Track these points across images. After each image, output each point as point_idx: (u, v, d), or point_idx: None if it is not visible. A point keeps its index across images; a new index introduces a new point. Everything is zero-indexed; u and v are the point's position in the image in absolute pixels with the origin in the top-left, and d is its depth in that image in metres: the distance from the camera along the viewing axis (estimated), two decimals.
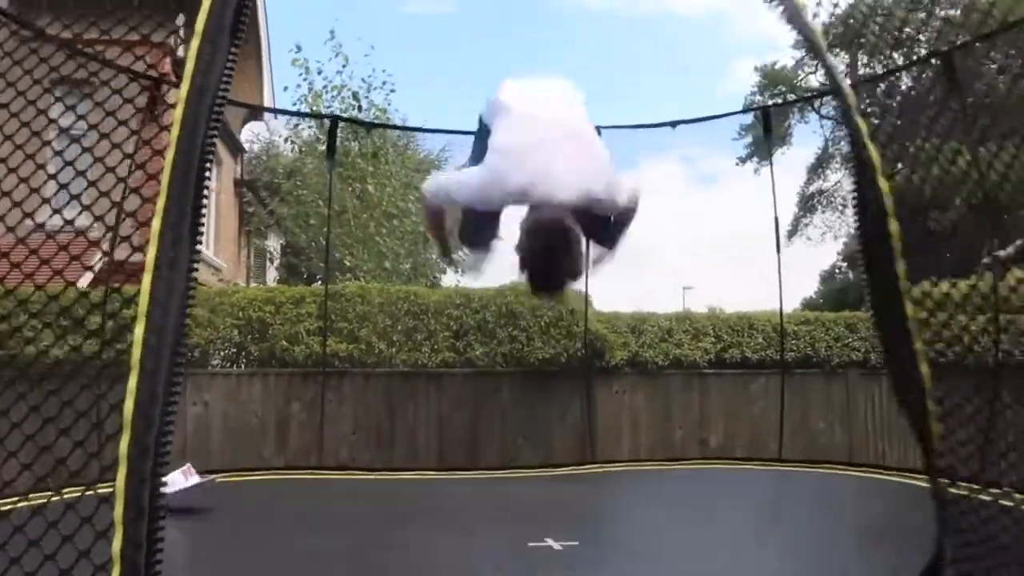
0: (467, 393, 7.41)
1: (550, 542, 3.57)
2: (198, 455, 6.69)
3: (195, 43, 1.60)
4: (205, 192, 1.59)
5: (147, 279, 1.49)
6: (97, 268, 5.33)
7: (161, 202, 1.51)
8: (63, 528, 1.65)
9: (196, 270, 1.59)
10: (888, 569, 3.14)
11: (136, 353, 1.47)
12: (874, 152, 2.00)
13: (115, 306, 4.11)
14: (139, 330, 1.48)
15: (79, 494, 1.69)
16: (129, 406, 1.46)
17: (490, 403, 7.43)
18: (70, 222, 2.59)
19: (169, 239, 1.49)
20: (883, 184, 1.93)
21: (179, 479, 4.45)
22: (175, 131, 1.54)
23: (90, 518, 1.60)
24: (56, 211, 2.58)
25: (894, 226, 1.89)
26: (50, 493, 1.86)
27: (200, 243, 1.60)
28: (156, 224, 1.50)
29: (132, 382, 1.46)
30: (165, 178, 1.52)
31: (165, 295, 1.49)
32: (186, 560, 3.65)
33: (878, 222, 1.92)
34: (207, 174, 1.59)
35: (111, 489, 1.42)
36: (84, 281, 4.50)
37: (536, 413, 7.46)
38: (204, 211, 1.62)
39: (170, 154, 1.53)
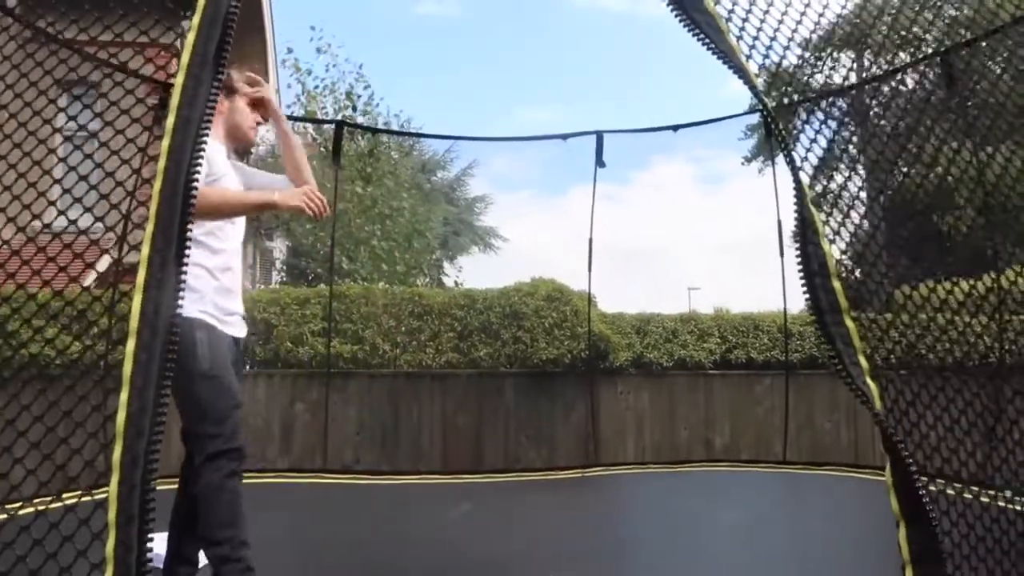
0: (471, 394, 7.47)
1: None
2: None
3: (180, 78, 1.69)
4: (190, 218, 1.68)
5: (137, 299, 1.59)
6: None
7: (149, 228, 1.61)
8: (63, 529, 1.75)
9: (182, 289, 1.68)
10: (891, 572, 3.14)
11: (127, 368, 1.57)
12: (815, 214, 2.09)
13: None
14: (130, 346, 1.57)
15: (77, 498, 1.78)
16: (121, 418, 1.55)
17: (494, 404, 7.49)
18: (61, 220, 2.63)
19: (158, 263, 1.58)
20: (826, 247, 2.05)
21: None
22: (162, 162, 1.63)
23: (87, 520, 1.69)
24: (61, 214, 2.63)
25: (837, 284, 2.02)
26: (50, 498, 1.95)
27: (186, 263, 1.68)
28: (145, 250, 1.60)
29: (124, 395, 1.56)
30: (153, 206, 1.62)
31: (154, 314, 1.58)
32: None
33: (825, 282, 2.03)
34: (192, 200, 1.68)
35: (106, 494, 1.52)
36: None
37: (540, 414, 7.51)
38: (190, 234, 1.70)
39: (158, 183, 1.62)
